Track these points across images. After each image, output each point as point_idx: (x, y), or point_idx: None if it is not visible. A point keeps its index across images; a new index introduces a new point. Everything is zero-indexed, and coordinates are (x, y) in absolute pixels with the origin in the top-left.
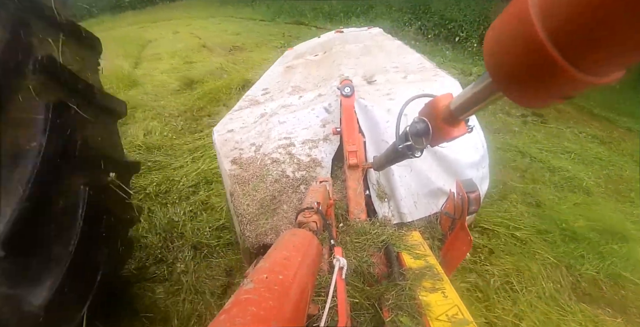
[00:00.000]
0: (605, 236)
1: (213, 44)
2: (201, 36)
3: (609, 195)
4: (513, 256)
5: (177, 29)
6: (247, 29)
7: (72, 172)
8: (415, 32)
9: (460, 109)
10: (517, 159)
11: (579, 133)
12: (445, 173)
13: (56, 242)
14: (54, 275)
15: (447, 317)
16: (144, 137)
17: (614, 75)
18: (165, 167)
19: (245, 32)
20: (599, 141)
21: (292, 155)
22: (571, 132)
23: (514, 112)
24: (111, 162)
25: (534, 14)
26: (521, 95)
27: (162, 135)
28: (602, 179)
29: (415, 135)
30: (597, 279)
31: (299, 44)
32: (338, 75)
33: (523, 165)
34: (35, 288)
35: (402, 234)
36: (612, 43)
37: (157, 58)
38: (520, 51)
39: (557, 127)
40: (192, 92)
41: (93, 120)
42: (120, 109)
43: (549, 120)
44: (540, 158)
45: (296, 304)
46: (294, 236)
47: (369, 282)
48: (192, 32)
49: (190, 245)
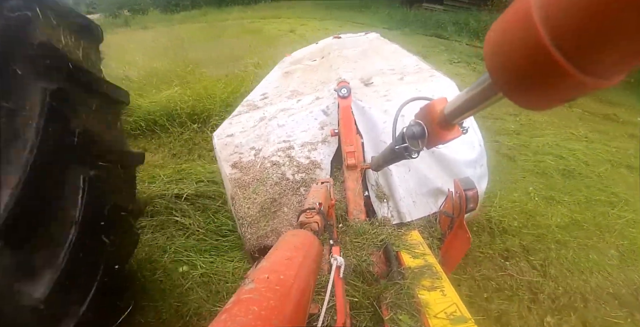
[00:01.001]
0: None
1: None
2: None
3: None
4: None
5: (292, 28)
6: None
7: (70, 162)
8: None
9: (455, 112)
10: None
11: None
12: (444, 172)
13: (55, 233)
14: (53, 268)
15: (445, 315)
16: None
17: (617, 77)
18: None
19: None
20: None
21: (292, 158)
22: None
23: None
24: (113, 152)
25: (537, 16)
26: (523, 98)
27: None
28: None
29: (411, 138)
30: None
31: (297, 50)
32: (336, 79)
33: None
34: (34, 281)
35: (401, 233)
36: (617, 45)
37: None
38: (523, 53)
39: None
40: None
41: (93, 109)
42: (122, 98)
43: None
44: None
45: (297, 304)
46: (295, 236)
47: (368, 281)
48: (316, 32)
49: None
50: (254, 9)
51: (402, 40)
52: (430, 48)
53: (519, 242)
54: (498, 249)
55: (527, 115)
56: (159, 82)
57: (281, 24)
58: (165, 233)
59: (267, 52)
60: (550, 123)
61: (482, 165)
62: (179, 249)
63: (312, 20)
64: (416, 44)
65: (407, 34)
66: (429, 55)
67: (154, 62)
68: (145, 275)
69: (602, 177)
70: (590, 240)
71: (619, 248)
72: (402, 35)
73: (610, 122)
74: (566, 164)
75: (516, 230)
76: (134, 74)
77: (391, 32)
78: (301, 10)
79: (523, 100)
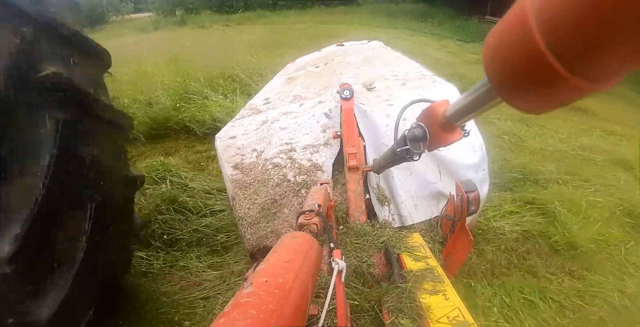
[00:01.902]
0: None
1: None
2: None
3: None
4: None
5: (367, 34)
6: (456, 49)
7: (81, 190)
8: None
9: (456, 115)
10: None
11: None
12: (445, 175)
13: (62, 256)
14: (59, 289)
15: (448, 320)
16: None
17: (613, 81)
18: None
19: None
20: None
21: (294, 160)
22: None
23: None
24: (118, 176)
25: (533, 21)
26: (520, 102)
27: None
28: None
29: (412, 140)
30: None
31: (300, 57)
32: (338, 84)
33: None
34: (40, 302)
35: (402, 235)
36: (611, 50)
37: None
38: (520, 58)
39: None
40: None
41: (101, 136)
42: (126, 123)
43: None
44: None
45: (296, 307)
46: (295, 239)
47: (369, 283)
48: (400, 41)
49: None
50: (310, 14)
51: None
52: None
53: None
54: None
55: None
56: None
57: (350, 30)
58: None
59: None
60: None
61: (483, 169)
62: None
63: (377, 29)
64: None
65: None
66: None
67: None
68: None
69: None
70: None
71: None
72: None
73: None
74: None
75: None
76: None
77: (468, 45)
78: (359, 17)
79: (520, 104)
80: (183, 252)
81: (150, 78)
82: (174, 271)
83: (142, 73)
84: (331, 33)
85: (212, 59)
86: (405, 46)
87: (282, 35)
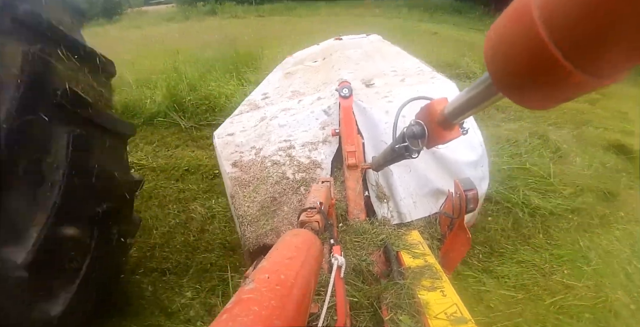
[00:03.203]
0: None
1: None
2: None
3: None
4: None
5: (403, 28)
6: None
7: (89, 197)
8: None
9: (455, 112)
10: None
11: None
12: (444, 173)
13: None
14: (69, 290)
15: (445, 316)
16: None
17: (617, 76)
18: None
19: None
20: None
21: (292, 157)
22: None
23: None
24: (120, 181)
25: (537, 15)
26: (523, 97)
27: None
28: None
29: (411, 138)
30: None
31: (298, 51)
32: (337, 80)
33: None
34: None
35: (401, 233)
36: (616, 45)
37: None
38: (523, 53)
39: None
40: None
41: (106, 146)
42: (127, 131)
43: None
44: None
45: (298, 304)
46: (296, 236)
47: (369, 281)
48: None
49: None
50: (341, 6)
51: None
52: None
53: None
54: None
55: None
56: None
57: (395, 25)
58: None
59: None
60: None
61: (482, 166)
62: None
63: (420, 23)
64: None
65: None
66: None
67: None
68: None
69: None
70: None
71: None
72: None
73: None
74: None
75: None
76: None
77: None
78: (384, 11)
79: (523, 100)
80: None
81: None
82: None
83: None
84: (388, 26)
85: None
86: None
87: (331, 25)
